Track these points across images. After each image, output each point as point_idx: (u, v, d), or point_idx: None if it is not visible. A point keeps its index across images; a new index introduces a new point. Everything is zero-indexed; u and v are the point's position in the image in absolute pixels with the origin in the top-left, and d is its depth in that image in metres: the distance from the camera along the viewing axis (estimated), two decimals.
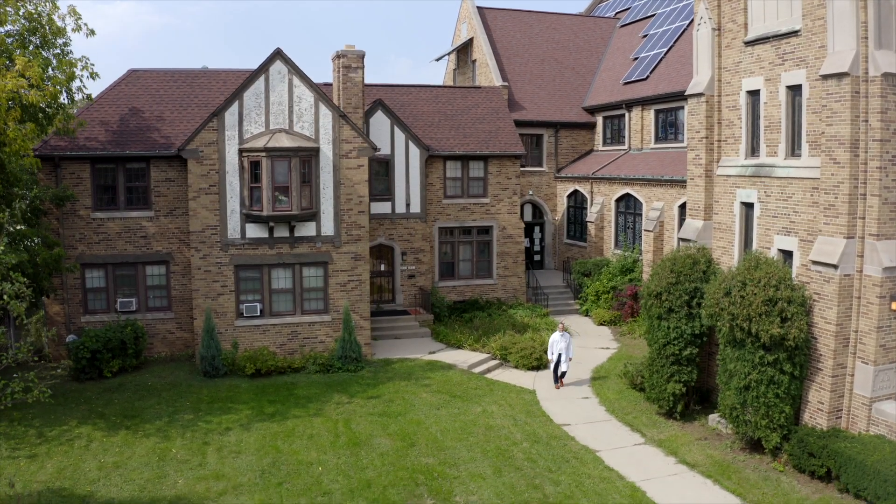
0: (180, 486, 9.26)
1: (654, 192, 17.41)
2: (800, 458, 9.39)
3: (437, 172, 17.59)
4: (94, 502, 8.79)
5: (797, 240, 10.46)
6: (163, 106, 14.98)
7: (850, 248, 9.53)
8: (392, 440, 10.62)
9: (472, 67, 23.75)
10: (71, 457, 10.08)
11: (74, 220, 14.08)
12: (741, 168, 11.45)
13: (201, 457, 10.08)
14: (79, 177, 13.99)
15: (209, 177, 13.50)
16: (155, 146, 14.17)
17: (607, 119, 21.21)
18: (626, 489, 9.22)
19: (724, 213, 11.88)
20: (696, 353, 11.17)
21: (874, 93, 9.37)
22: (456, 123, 18.12)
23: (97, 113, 14.51)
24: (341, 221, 14.10)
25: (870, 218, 9.51)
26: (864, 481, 8.56)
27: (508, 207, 18.10)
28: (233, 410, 11.82)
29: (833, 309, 9.63)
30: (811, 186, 10.18)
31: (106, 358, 13.16)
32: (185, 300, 14.64)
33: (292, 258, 14.05)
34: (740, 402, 9.89)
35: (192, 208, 13.54)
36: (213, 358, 13.28)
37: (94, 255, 14.19)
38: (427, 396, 12.47)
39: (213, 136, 13.42)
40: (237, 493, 9.05)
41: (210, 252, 13.66)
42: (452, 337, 15.43)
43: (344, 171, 13.99)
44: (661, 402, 11.37)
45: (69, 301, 14.18)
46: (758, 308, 9.43)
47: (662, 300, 11.09)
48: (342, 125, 13.92)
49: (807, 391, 10.01)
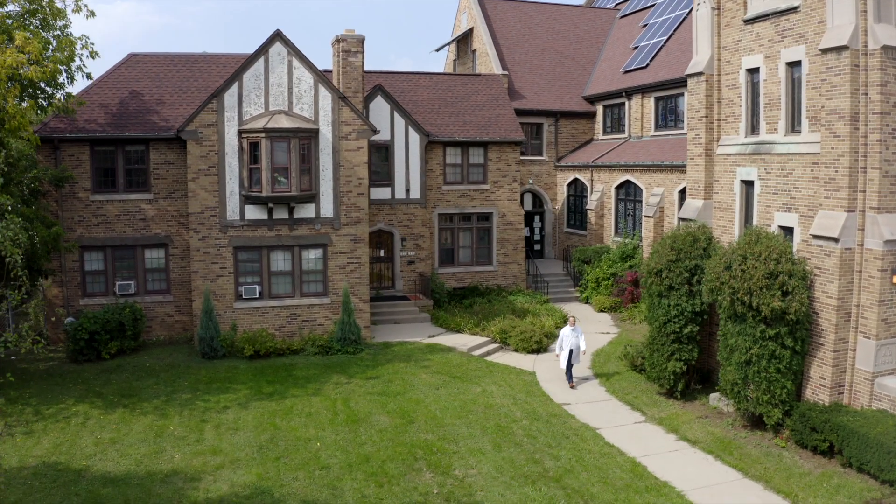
0: (177, 460, 9.20)
1: (654, 178, 17.39)
2: (802, 434, 9.32)
3: (437, 159, 17.58)
4: (89, 476, 8.73)
5: (797, 216, 10.43)
6: (162, 89, 14.99)
7: (851, 221, 9.50)
8: (391, 418, 10.56)
9: (472, 58, 23.78)
10: (67, 433, 10.03)
11: (73, 203, 14.07)
12: (741, 146, 11.42)
13: (199, 433, 10.02)
14: (78, 159, 13.98)
15: (208, 158, 13.49)
16: (154, 128, 14.16)
17: (607, 108, 21.21)
18: (626, 464, 9.15)
19: (725, 192, 11.85)
20: (696, 332, 11.12)
21: (874, 66, 9.35)
22: (456, 110, 18.12)
23: (97, 96, 14.52)
24: (341, 203, 14.08)
25: (870, 191, 9.48)
26: (868, 454, 8.49)
27: (508, 194, 18.08)
28: (231, 390, 11.77)
29: (834, 283, 9.58)
30: (811, 162, 10.15)
31: (104, 339, 13.11)
32: (183, 283, 14.60)
33: (291, 240, 14.02)
34: (741, 378, 9.82)
35: (191, 189, 13.52)
36: (211, 339, 13.23)
37: (93, 238, 14.17)
38: (426, 377, 12.41)
39: (213, 118, 13.41)
40: (234, 467, 8.99)
41: (209, 234, 13.63)
42: (452, 321, 15.39)
43: (343, 152, 13.98)
44: (662, 380, 11.31)
45: (68, 284, 14.14)
46: (759, 281, 9.38)
47: (663, 277, 11.05)
48: (342, 107, 13.91)
49: (808, 367, 9.95)
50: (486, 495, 8.23)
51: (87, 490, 8.37)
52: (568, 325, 12.28)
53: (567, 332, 12.15)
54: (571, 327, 12.20)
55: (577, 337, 12.13)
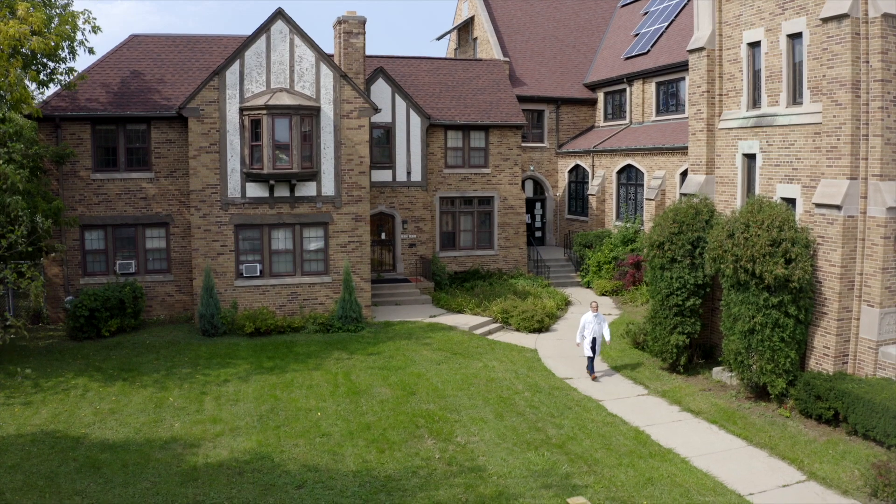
0: (176, 428, 9.14)
1: (655, 162, 17.39)
2: (806, 402, 9.26)
3: (439, 142, 17.58)
4: (88, 443, 8.67)
5: (800, 186, 10.41)
6: (164, 69, 15.01)
7: (854, 189, 9.47)
8: (392, 390, 10.51)
9: (473, 46, 23.84)
10: (66, 404, 9.97)
11: (74, 181, 14.05)
12: (743, 120, 11.42)
13: (198, 404, 9.97)
14: (79, 138, 13.97)
15: (210, 135, 13.48)
16: (156, 107, 14.16)
17: (608, 94, 21.24)
18: (629, 432, 9.09)
19: (726, 167, 11.84)
20: (699, 305, 11.07)
21: (874, 34, 9.35)
22: (457, 94, 18.14)
23: (98, 76, 14.53)
24: (342, 182, 14.06)
25: (872, 158, 9.46)
26: (873, 420, 8.42)
27: (510, 178, 18.07)
28: (231, 365, 11.72)
29: (837, 251, 9.54)
30: (813, 132, 10.14)
31: (104, 317, 13.06)
32: (184, 263, 14.56)
33: (292, 218, 14.00)
34: (745, 347, 9.77)
35: (192, 167, 13.51)
36: (211, 316, 13.18)
37: (94, 217, 14.14)
38: (428, 353, 12.36)
39: (214, 95, 13.42)
40: (234, 435, 8.93)
41: (210, 211, 13.61)
42: (454, 302, 15.34)
43: (345, 131, 13.97)
44: (665, 354, 11.25)
45: (68, 263, 14.11)
46: (762, 249, 9.35)
47: (665, 250, 11.01)
48: (343, 85, 13.92)
49: (812, 337, 9.90)
50: (489, 460, 8.17)
51: (85, 455, 8.31)
52: (590, 311, 11.18)
53: (589, 318, 11.05)
54: (594, 313, 11.08)
55: (600, 324, 11.03)
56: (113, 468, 7.99)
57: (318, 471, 7.92)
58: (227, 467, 8.04)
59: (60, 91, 13.93)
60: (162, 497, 7.32)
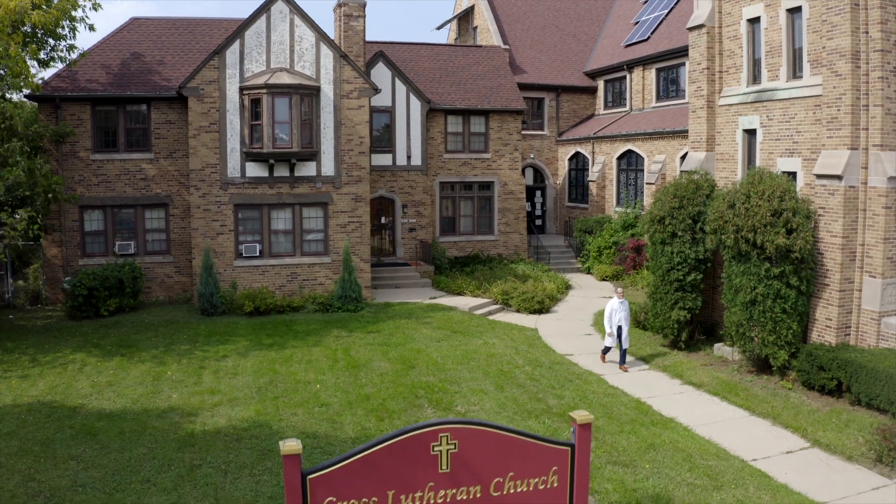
0: (174, 399, 9.08)
1: (655, 146, 17.37)
2: (809, 373, 9.20)
3: (439, 127, 17.58)
4: (84, 412, 8.61)
5: (800, 160, 10.38)
6: (164, 51, 15.02)
7: (854, 159, 9.44)
8: (392, 364, 10.45)
9: (473, 35, 23.88)
10: (64, 377, 9.92)
11: (74, 162, 14.03)
12: (743, 95, 11.41)
13: (197, 377, 9.91)
14: (79, 118, 13.97)
15: (209, 115, 13.48)
16: (156, 88, 14.16)
17: (608, 82, 21.26)
18: (631, 403, 9.03)
19: (727, 143, 11.82)
20: (699, 280, 11.02)
21: (874, 4, 9.34)
22: (457, 79, 18.15)
23: (98, 57, 14.54)
24: (342, 162, 14.04)
25: (873, 129, 9.44)
26: (877, 388, 8.36)
27: (510, 163, 18.05)
28: (230, 342, 11.66)
29: (838, 221, 9.51)
30: (813, 105, 10.12)
31: (103, 296, 13.01)
32: (183, 244, 14.53)
33: (292, 198, 13.97)
34: (746, 318, 9.72)
35: (191, 146, 13.49)
36: (211, 295, 13.14)
37: (93, 198, 14.11)
38: (428, 332, 12.30)
39: (214, 75, 13.42)
40: (232, 405, 8.87)
41: (210, 191, 13.58)
42: (454, 284, 15.30)
43: (345, 111, 13.97)
44: (666, 330, 11.19)
45: (67, 244, 14.07)
46: (763, 219, 9.31)
47: (665, 225, 10.97)
48: (343, 65, 13.93)
49: (814, 309, 9.85)
50: None
51: (82, 423, 8.25)
52: (615, 297, 10.45)
53: (615, 304, 10.33)
54: (620, 299, 10.37)
55: (626, 310, 10.31)
56: (109, 435, 7.93)
57: (316, 437, 7.86)
58: (225, 434, 7.98)
59: (61, 72, 13.94)
60: (158, 462, 7.25)
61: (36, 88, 11.66)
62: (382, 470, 2.95)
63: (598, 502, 6.68)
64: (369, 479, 2.93)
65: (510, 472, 3.06)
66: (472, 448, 3.02)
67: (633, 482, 6.85)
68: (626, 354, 10.39)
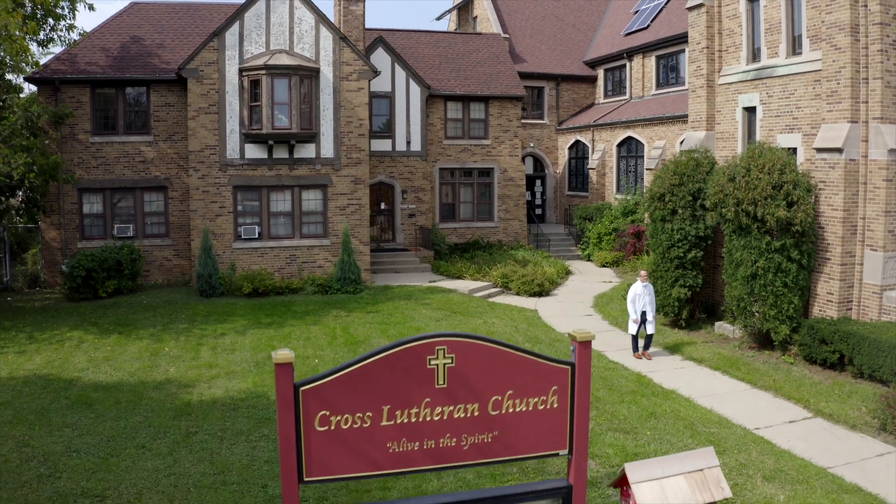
0: (171, 372, 9.03)
1: (655, 132, 17.35)
2: (811, 347, 9.13)
3: (438, 113, 17.56)
4: (80, 384, 8.56)
5: (800, 135, 10.34)
6: (164, 35, 15.02)
7: (855, 132, 9.41)
8: (391, 340, 10.39)
9: (472, 25, 23.90)
10: (61, 353, 9.87)
11: (73, 145, 14.01)
12: (742, 73, 11.38)
13: (195, 353, 9.85)
14: (78, 101, 13.95)
15: (209, 97, 13.46)
16: (155, 71, 14.15)
17: (608, 71, 21.25)
18: (631, 377, 8.97)
19: (727, 122, 11.79)
20: (700, 257, 10.97)
21: None
22: (456, 66, 18.15)
23: (98, 40, 14.55)
24: (341, 144, 14.01)
25: (873, 101, 9.40)
26: (880, 359, 8.29)
27: (510, 150, 18.02)
28: (228, 321, 11.61)
29: (839, 195, 9.46)
30: (813, 80, 10.09)
31: (101, 277, 12.97)
32: (182, 227, 14.48)
33: (291, 180, 13.94)
34: (747, 293, 9.65)
35: (191, 128, 13.47)
36: (209, 276, 13.09)
37: (92, 181, 14.09)
38: (427, 312, 12.24)
39: (214, 56, 13.41)
40: (230, 378, 8.81)
41: (208, 172, 13.55)
42: (453, 268, 15.25)
43: (344, 93, 13.95)
44: (667, 308, 11.13)
45: (66, 227, 14.03)
46: (763, 191, 9.27)
47: (666, 202, 10.93)
48: (343, 47, 13.92)
49: (815, 284, 9.79)
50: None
51: (78, 394, 8.20)
52: (639, 281, 9.70)
53: (639, 289, 9.59)
54: (644, 283, 9.65)
55: (650, 294, 9.59)
56: (105, 405, 7.87)
57: None
58: (222, 404, 7.92)
59: (60, 55, 13.94)
60: (154, 429, 7.19)
61: (35, 66, 11.64)
62: (377, 384, 2.90)
63: (600, 465, 6.62)
64: (363, 392, 2.88)
65: (509, 391, 3.01)
66: (469, 363, 2.96)
67: (634, 447, 6.78)
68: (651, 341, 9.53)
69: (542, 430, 3.08)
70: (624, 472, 3.37)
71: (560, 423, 3.13)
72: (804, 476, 6.33)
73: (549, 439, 3.12)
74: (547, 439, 3.11)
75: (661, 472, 3.40)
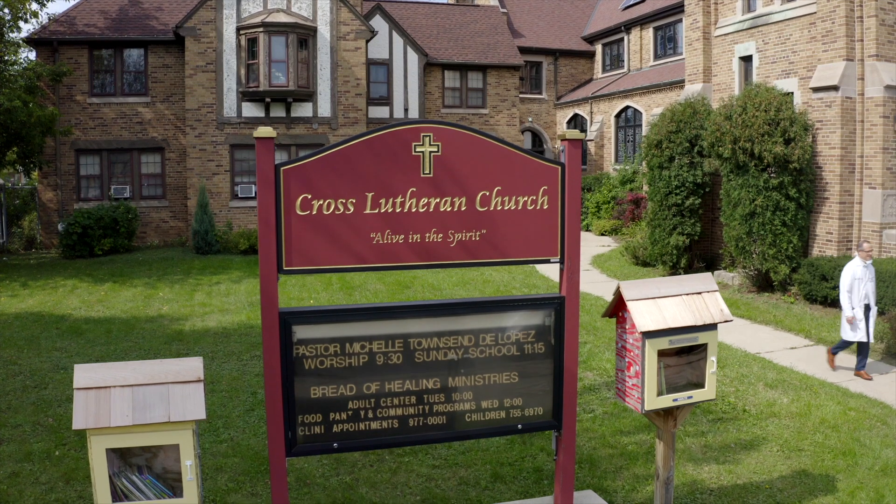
0: (165, 310, 8.98)
1: (653, 99, 17.34)
2: (811, 285, 9.03)
3: (436, 81, 17.58)
4: (72, 319, 8.50)
5: (797, 79, 10.32)
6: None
7: (850, 70, 9.37)
8: (387, 286, 10.34)
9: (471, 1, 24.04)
10: (54, 296, 9.83)
11: (70, 105, 14.03)
12: (738, 23, 11.38)
13: (189, 296, 9.80)
14: (76, 62, 13.99)
15: (206, 55, 13.49)
16: (153, 32, 14.20)
17: (606, 46, 21.30)
18: None
19: (723, 73, 11.77)
20: (698, 205, 10.90)
21: None
22: (454, 36, 18.20)
23: (97, 4, 14.61)
24: (338, 103, 14.02)
25: (868, 39, 9.37)
26: (881, 290, 8.19)
27: (507, 119, 18.02)
28: (224, 273, 11.57)
29: (836, 133, 9.41)
30: (808, 23, 10.08)
31: (97, 235, 12.92)
32: (179, 189, 14.46)
33: (288, 139, 13.92)
34: (746, 232, 9.58)
35: (188, 86, 13.49)
36: (205, 233, 13.04)
37: (90, 141, 14.09)
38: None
39: (211, 15, 13.46)
40: (223, 314, 8.75)
41: (205, 131, 13.55)
42: None
43: (342, 52, 13.98)
44: (665, 257, 11.05)
45: (62, 188, 14.02)
46: (760, 128, 9.22)
47: (663, 149, 10.88)
48: (340, 7, 13.96)
49: (814, 224, 9.72)
50: None
51: (69, 325, 8.15)
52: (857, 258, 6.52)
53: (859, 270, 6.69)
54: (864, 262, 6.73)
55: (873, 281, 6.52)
56: (96, 333, 7.82)
57: None
58: (214, 332, 7.86)
59: (59, 16, 14.00)
60: (144, 352, 7.13)
61: (35, 15, 11.67)
62: (361, 168, 2.84)
63: (597, 376, 6.53)
64: (347, 176, 2.81)
65: (497, 187, 2.93)
66: (456, 154, 2.89)
67: None
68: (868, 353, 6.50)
69: (532, 234, 3.01)
70: (620, 294, 3.27)
71: (551, 228, 3.05)
72: (807, 385, 6.27)
73: (540, 245, 3.04)
74: (538, 245, 3.04)
75: (658, 292, 3.30)
